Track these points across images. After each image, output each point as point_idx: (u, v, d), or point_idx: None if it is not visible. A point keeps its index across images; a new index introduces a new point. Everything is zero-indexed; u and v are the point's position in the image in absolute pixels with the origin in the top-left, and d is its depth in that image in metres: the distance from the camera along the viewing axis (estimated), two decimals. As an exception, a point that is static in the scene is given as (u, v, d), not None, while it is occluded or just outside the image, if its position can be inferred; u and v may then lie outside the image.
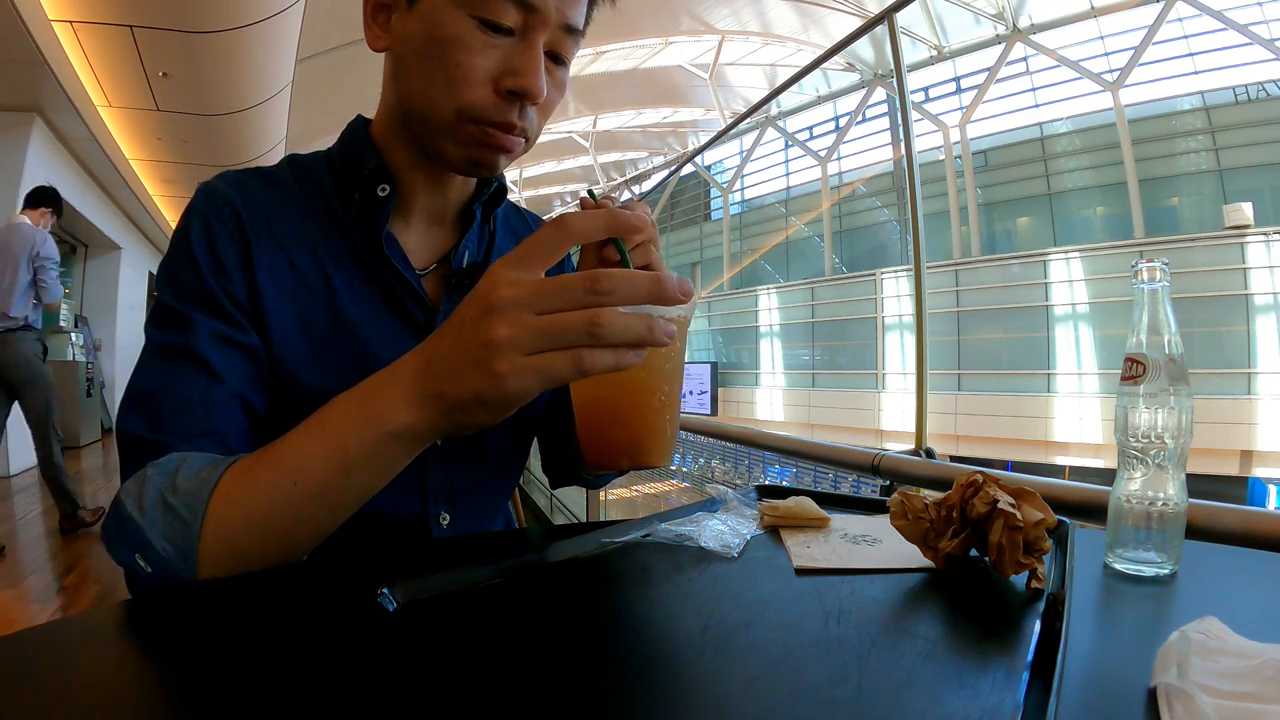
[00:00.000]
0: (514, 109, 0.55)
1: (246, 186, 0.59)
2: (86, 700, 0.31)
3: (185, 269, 0.55)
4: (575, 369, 0.38)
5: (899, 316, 12.35)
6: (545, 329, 0.38)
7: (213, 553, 0.45)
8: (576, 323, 0.38)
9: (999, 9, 11.99)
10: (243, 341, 0.55)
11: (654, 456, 0.46)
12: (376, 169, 0.60)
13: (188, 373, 0.53)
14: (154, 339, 0.54)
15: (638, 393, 0.45)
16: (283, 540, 0.46)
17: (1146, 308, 0.52)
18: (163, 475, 0.47)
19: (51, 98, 5.04)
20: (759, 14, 13.20)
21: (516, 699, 0.30)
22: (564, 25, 0.55)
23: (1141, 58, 10.60)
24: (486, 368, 0.38)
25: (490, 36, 0.53)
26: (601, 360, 0.38)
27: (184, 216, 0.57)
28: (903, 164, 2.52)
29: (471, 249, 0.66)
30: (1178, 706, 0.28)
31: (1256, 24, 9.59)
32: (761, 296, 15.47)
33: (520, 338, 0.38)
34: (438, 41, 0.53)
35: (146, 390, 0.52)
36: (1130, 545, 0.51)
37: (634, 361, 0.39)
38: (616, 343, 0.38)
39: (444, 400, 0.41)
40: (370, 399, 0.44)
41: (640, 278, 0.39)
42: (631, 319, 0.38)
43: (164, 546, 0.45)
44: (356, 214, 0.61)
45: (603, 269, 0.39)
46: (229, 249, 0.56)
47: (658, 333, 0.39)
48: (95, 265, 8.73)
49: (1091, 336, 10.41)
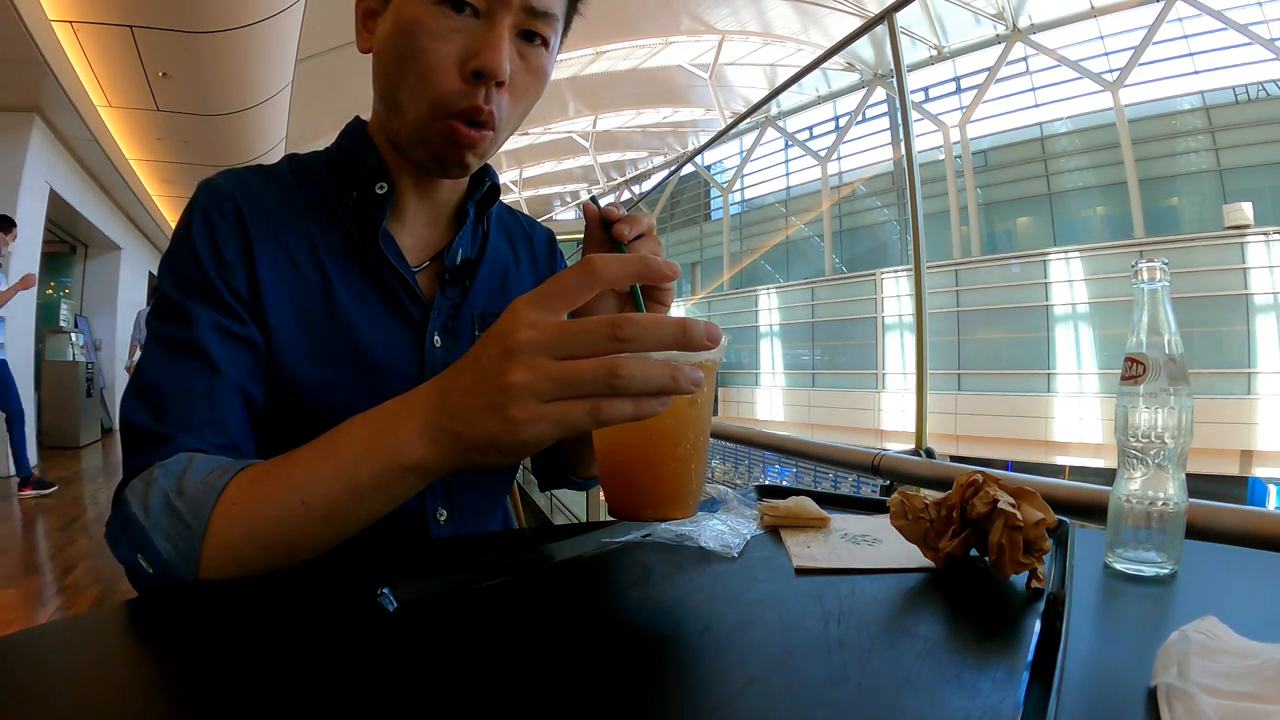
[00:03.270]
0: (479, 92, 0.55)
1: (247, 182, 0.60)
2: (87, 700, 0.31)
3: (186, 262, 0.56)
4: (593, 419, 0.37)
5: (899, 316, 12.35)
6: (563, 377, 0.36)
7: (214, 558, 0.45)
8: (595, 371, 0.36)
9: (999, 9, 11.99)
10: (242, 334, 0.56)
11: (677, 509, 0.44)
12: (375, 167, 0.61)
13: (190, 365, 0.53)
14: (156, 331, 0.55)
15: (662, 442, 0.43)
16: (285, 553, 0.46)
17: (1146, 308, 0.52)
18: (169, 477, 0.47)
19: (51, 98, 5.04)
20: (759, 14, 13.20)
21: (516, 699, 0.30)
22: (529, 7, 0.55)
23: (1141, 58, 10.61)
24: (502, 413, 0.37)
25: (454, 19, 0.54)
26: (620, 410, 0.36)
27: (186, 211, 0.58)
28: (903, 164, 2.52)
29: (465, 246, 0.66)
30: (1178, 706, 0.28)
31: (1256, 24, 9.59)
32: (761, 296, 15.48)
33: (538, 384, 0.36)
34: (406, 31, 0.54)
35: (149, 382, 0.53)
36: (1130, 545, 0.51)
37: (656, 411, 0.37)
38: (638, 392, 0.36)
39: (459, 440, 0.40)
40: (385, 429, 0.43)
41: (666, 323, 0.37)
42: (654, 367, 0.36)
43: (166, 549, 0.45)
44: (355, 211, 0.61)
45: (627, 313, 0.37)
46: (229, 242, 0.57)
47: (682, 381, 0.37)
48: (95, 265, 8.73)
49: (1091, 336, 10.41)
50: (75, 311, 8.14)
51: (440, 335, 0.63)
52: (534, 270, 0.74)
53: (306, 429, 0.57)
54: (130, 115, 5.99)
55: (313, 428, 0.57)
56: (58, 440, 6.78)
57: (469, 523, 0.66)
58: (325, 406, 0.58)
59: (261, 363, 0.57)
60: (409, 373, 0.61)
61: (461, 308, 0.65)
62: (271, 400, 0.58)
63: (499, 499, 0.72)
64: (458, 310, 0.65)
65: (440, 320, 0.63)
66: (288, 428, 0.57)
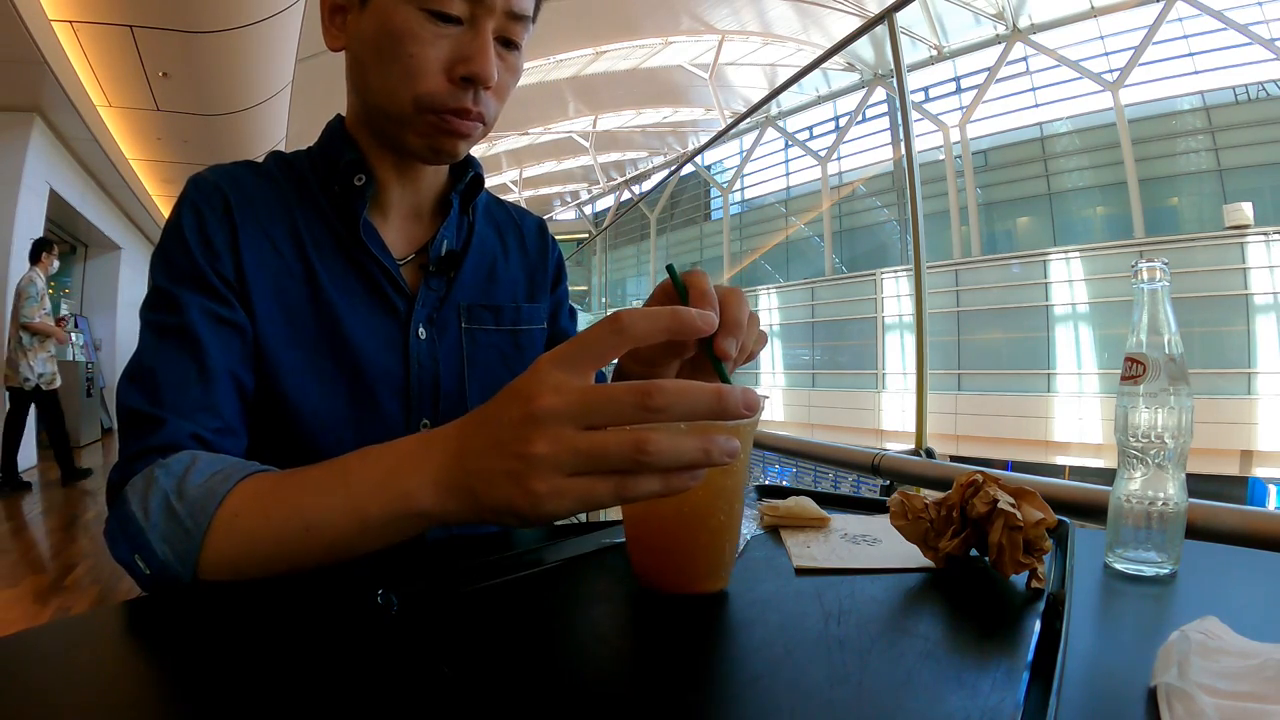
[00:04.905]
0: (468, 95, 0.57)
1: (234, 175, 0.62)
2: (86, 700, 0.31)
3: (177, 251, 0.57)
4: (618, 497, 0.35)
5: (899, 316, 12.34)
6: (589, 450, 0.34)
7: (212, 566, 0.45)
8: (621, 447, 0.34)
9: (999, 9, 11.98)
10: (232, 319, 0.57)
11: (709, 584, 0.42)
12: (353, 160, 0.62)
13: (182, 350, 0.54)
14: (149, 320, 0.56)
15: (694, 515, 0.41)
16: (284, 569, 0.46)
17: (1146, 308, 0.52)
18: (170, 477, 0.47)
19: (51, 98, 5.04)
20: (759, 14, 13.19)
21: (516, 699, 0.30)
22: (510, 11, 0.57)
23: (1141, 58, 10.60)
24: (522, 483, 0.36)
25: (440, 27, 0.55)
26: (648, 487, 0.35)
27: (176, 205, 0.60)
28: (903, 164, 2.52)
29: (450, 238, 0.67)
30: (1178, 706, 0.28)
31: (1256, 24, 9.58)
32: (761, 296, 15.46)
33: (561, 457, 0.35)
34: (390, 36, 0.55)
35: (144, 367, 0.54)
36: (1130, 545, 0.51)
37: (687, 486, 0.35)
38: (668, 467, 0.35)
39: (475, 498, 0.38)
40: (399, 474, 0.41)
41: (699, 392, 0.34)
42: (685, 440, 0.34)
43: (164, 551, 0.45)
44: (337, 203, 0.63)
45: (658, 380, 0.35)
46: (217, 231, 0.58)
47: (716, 454, 0.35)
48: (95, 265, 8.73)
49: (1091, 336, 10.40)
50: (75, 311, 8.13)
51: (425, 327, 0.64)
52: (524, 260, 0.74)
53: (290, 419, 0.58)
54: (130, 115, 5.99)
55: (296, 418, 0.58)
56: (58, 440, 6.77)
57: None
58: (309, 397, 0.59)
59: (250, 349, 0.58)
60: (393, 364, 0.62)
61: (447, 300, 0.66)
62: (256, 389, 0.58)
63: None
64: (443, 302, 0.65)
65: (425, 312, 0.64)
66: (272, 418, 0.58)
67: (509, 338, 0.69)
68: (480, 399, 0.67)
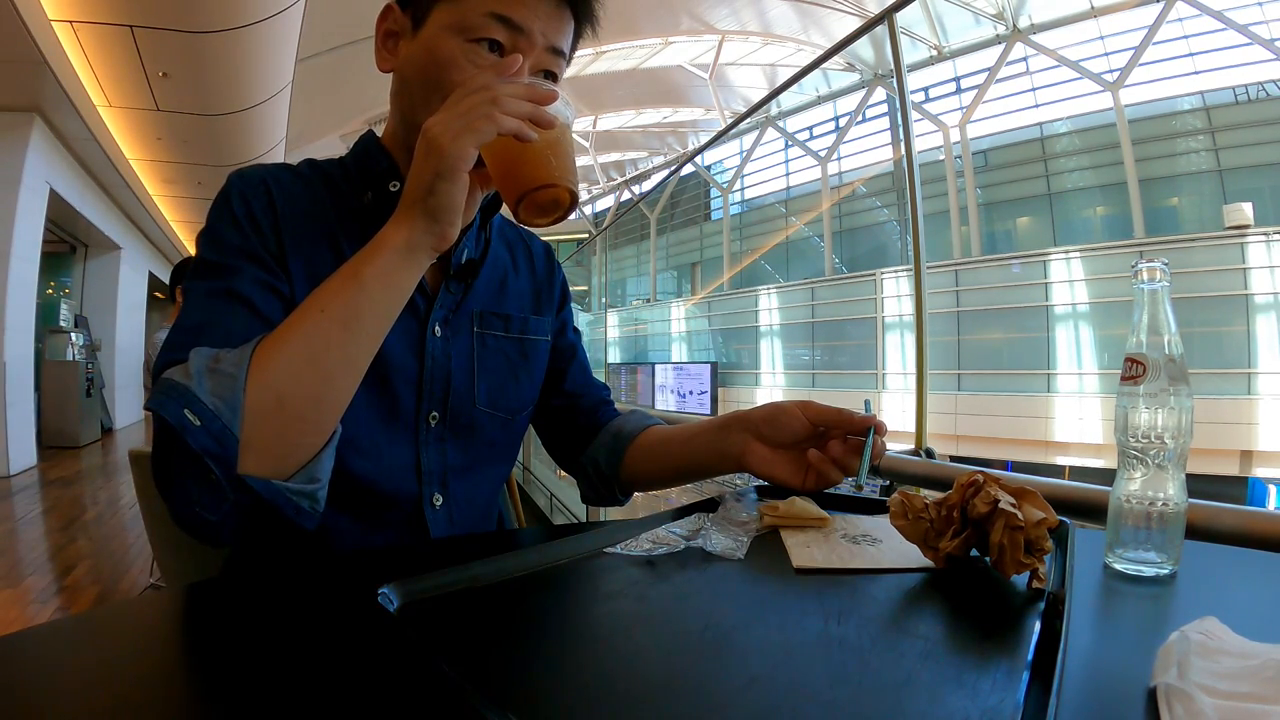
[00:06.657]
0: None
1: (274, 173, 0.66)
2: (87, 700, 0.31)
3: (227, 228, 0.61)
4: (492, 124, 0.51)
5: (899, 316, 12.34)
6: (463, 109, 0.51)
7: (257, 400, 0.49)
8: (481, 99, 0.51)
9: (999, 9, 11.99)
10: (281, 289, 0.60)
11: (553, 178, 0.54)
12: (388, 168, 0.67)
13: (231, 309, 0.57)
14: (196, 289, 0.58)
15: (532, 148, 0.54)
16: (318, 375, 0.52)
17: (1146, 308, 0.52)
18: (203, 356, 0.51)
19: (51, 98, 5.04)
20: (759, 14, 13.19)
21: (516, 699, 0.30)
22: (551, 46, 0.63)
23: (1141, 58, 10.60)
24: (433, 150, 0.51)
25: (484, 58, 0.61)
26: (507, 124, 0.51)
27: (220, 194, 0.63)
28: (903, 164, 2.52)
29: (470, 248, 0.71)
30: (1178, 706, 0.28)
31: (1256, 24, 9.58)
32: (761, 296, 15.46)
33: (449, 121, 0.51)
34: (437, 64, 0.61)
35: (190, 327, 0.55)
36: (1130, 545, 0.51)
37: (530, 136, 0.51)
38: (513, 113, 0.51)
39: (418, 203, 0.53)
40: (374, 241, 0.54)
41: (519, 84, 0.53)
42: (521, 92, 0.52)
43: (212, 400, 0.48)
44: (369, 206, 0.66)
45: None
46: (265, 216, 0.62)
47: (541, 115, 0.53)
48: (95, 265, 8.74)
49: (1091, 336, 10.40)
50: (75, 311, 8.13)
51: (441, 327, 0.68)
52: (531, 278, 0.80)
53: None
54: (130, 115, 6.00)
55: None
56: (57, 440, 6.78)
57: (463, 510, 0.70)
58: None
59: None
60: (409, 358, 0.66)
61: (463, 304, 0.70)
62: None
63: (493, 489, 0.76)
64: (459, 306, 0.70)
65: (442, 314, 0.68)
66: None
67: (516, 345, 0.74)
68: (487, 399, 0.70)
